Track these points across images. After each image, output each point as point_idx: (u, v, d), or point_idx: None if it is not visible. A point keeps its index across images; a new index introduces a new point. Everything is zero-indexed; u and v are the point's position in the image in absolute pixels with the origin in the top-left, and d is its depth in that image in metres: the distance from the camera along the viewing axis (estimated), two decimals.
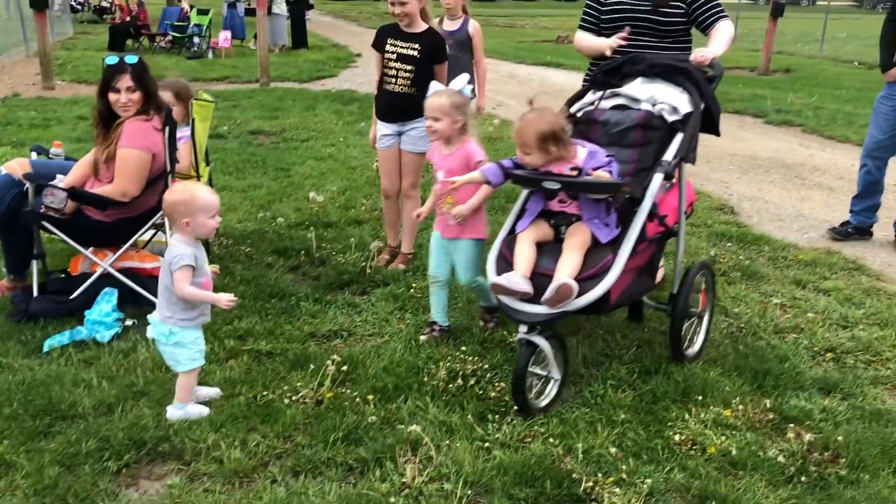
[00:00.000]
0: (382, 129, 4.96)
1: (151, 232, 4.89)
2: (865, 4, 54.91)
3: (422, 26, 4.80)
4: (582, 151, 3.40)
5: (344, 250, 5.30)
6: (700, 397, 3.46)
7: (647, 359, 3.80)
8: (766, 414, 3.38)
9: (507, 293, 3.27)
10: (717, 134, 3.84)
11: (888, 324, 4.33)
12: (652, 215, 3.46)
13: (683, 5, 4.13)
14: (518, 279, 3.27)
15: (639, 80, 3.80)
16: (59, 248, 5.00)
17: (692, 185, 4.02)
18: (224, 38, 18.08)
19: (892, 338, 4.15)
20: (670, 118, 3.62)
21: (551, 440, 3.14)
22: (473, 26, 6.26)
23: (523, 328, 3.27)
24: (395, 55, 4.78)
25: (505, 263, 3.41)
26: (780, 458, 3.04)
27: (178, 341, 3.23)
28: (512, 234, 3.54)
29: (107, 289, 4.20)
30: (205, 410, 3.31)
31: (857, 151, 9.31)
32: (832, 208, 6.82)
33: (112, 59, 4.26)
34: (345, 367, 3.64)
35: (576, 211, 3.42)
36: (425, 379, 3.57)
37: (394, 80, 4.81)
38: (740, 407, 3.40)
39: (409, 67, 4.75)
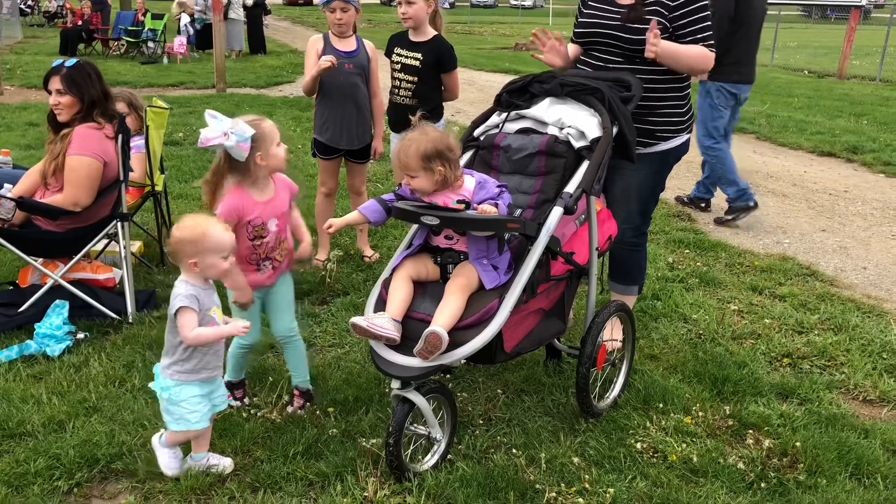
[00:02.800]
0: (393, 139, 4.97)
1: (104, 242, 4.79)
2: (813, 14, 56.24)
3: (429, 34, 4.73)
4: (470, 181, 3.04)
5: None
6: (661, 405, 3.47)
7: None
8: (725, 420, 3.40)
9: (369, 336, 2.87)
10: (633, 161, 3.46)
11: (841, 328, 4.41)
12: (556, 253, 3.11)
13: (664, 21, 3.60)
14: (382, 322, 2.84)
15: (547, 100, 3.43)
16: (7, 259, 4.86)
17: (613, 219, 3.70)
18: (179, 42, 17.83)
19: (846, 342, 4.22)
20: (577, 144, 3.25)
21: (514, 450, 3.12)
22: (371, 48, 5.04)
23: (396, 383, 2.86)
24: (399, 65, 4.75)
25: (383, 305, 2.99)
26: (741, 465, 3.06)
27: (171, 397, 2.86)
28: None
29: (57, 301, 4.08)
30: (228, 462, 3.01)
31: (808, 159, 9.54)
32: (786, 215, 6.94)
33: (57, 61, 4.19)
34: None
35: (465, 248, 3.02)
36: (385, 390, 3.52)
37: (397, 90, 4.79)
38: (700, 414, 3.43)
39: (410, 78, 4.71)
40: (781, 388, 3.73)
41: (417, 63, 4.70)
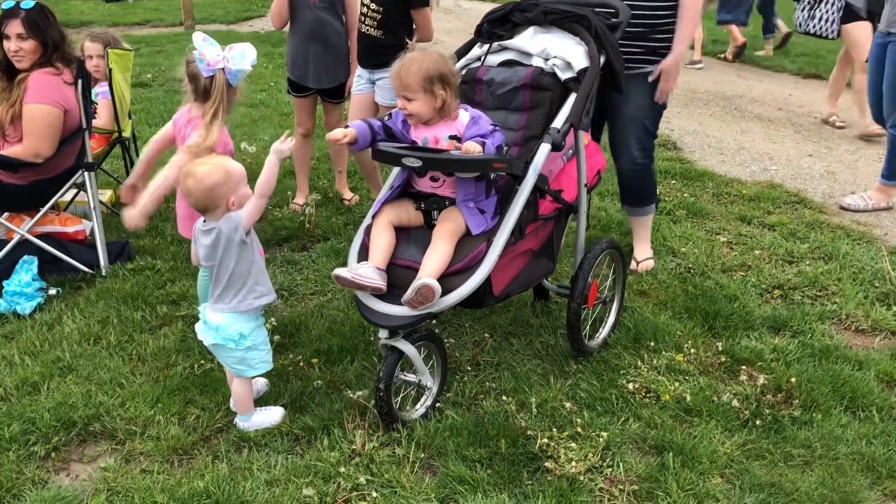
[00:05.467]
0: (358, 71, 4.69)
1: (73, 192, 4.61)
2: None
3: None
4: (465, 115, 2.89)
5: (280, 204, 5.08)
6: (652, 343, 3.40)
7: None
8: (718, 357, 3.34)
9: (354, 287, 2.78)
10: (620, 92, 3.38)
11: (832, 257, 4.34)
12: (543, 192, 2.99)
13: None
14: (367, 272, 2.76)
15: (531, 29, 3.27)
16: None
17: (601, 152, 3.62)
18: None
19: (837, 272, 4.15)
20: (563, 75, 3.10)
21: (504, 396, 3.05)
22: None
23: (384, 332, 2.79)
24: None
25: (367, 254, 2.89)
26: (735, 403, 3.00)
27: (253, 344, 2.81)
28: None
29: (26, 257, 3.93)
30: (276, 412, 2.94)
31: (793, 82, 9.38)
32: (772, 140, 6.81)
33: (8, 3, 3.90)
34: (287, 329, 3.49)
35: (450, 193, 2.91)
36: (371, 339, 3.43)
37: (364, 18, 4.49)
38: (692, 351, 3.36)
39: (375, 7, 4.40)
40: (773, 320, 3.66)
41: None
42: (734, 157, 6.34)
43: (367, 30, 4.49)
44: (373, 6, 4.43)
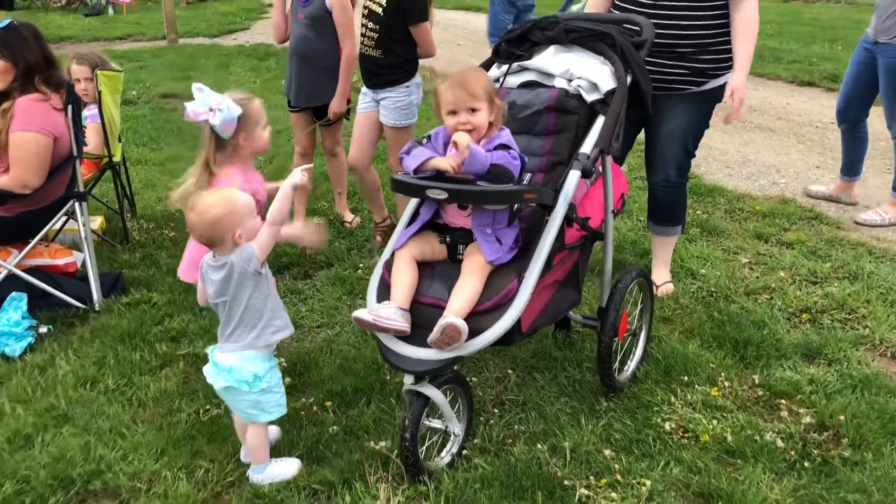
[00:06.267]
0: (363, 90, 4.51)
1: (62, 220, 4.37)
2: None
3: None
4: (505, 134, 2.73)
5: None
6: (684, 377, 3.22)
7: None
8: (754, 390, 3.17)
9: (376, 330, 2.59)
10: (649, 113, 3.25)
11: (857, 277, 4.19)
12: (570, 220, 2.79)
13: None
14: (389, 312, 2.56)
15: (551, 49, 3.10)
16: None
17: (623, 174, 3.45)
18: None
19: (864, 292, 4.00)
20: (589, 97, 2.94)
21: (535, 441, 2.86)
22: None
23: (409, 378, 2.58)
24: (366, 10, 4.28)
25: (387, 291, 2.71)
26: (779, 442, 2.83)
27: (268, 387, 2.61)
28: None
29: (14, 293, 3.70)
30: (292, 464, 2.73)
31: (788, 90, 9.29)
32: (777, 151, 6.69)
33: None
34: (296, 368, 3.28)
35: None
36: (387, 378, 3.23)
37: (363, 38, 4.32)
38: (726, 384, 3.19)
39: (373, 26, 4.23)
40: (806, 348, 3.50)
41: (380, 10, 4.20)
42: (741, 169, 6.20)
43: (366, 50, 4.31)
44: (370, 25, 4.25)
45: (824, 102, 8.54)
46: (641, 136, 3.96)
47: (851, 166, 5.37)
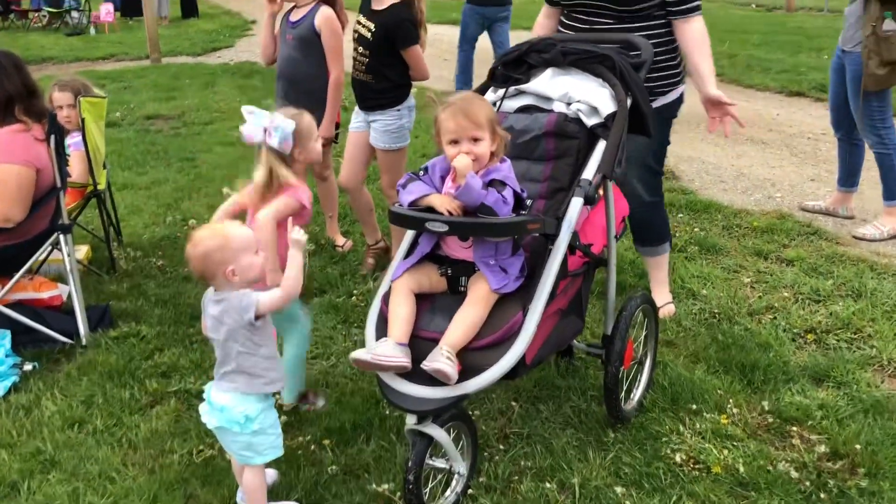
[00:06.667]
0: (356, 110, 4.42)
1: (48, 251, 4.24)
2: None
3: (388, 0, 4.06)
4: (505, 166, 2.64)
5: None
6: (692, 405, 3.13)
7: None
8: (764, 417, 3.09)
9: (376, 370, 2.49)
10: (649, 136, 3.14)
11: (860, 294, 4.12)
12: (573, 247, 2.71)
13: None
14: (387, 349, 2.46)
15: (548, 71, 3.01)
16: None
17: (623, 197, 3.31)
18: (106, 11, 16.77)
19: (869, 311, 3.93)
20: (589, 121, 2.86)
21: (541, 477, 2.76)
22: (324, 16, 4.31)
23: (412, 418, 2.46)
24: (356, 34, 4.19)
25: (386, 325, 2.61)
26: (793, 472, 2.74)
27: (261, 428, 2.50)
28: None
29: None
30: None
31: (778, 100, 9.27)
32: (770, 164, 6.64)
33: None
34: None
35: None
36: (386, 412, 3.13)
37: (354, 63, 4.24)
38: (735, 411, 3.11)
39: (363, 50, 4.14)
40: (813, 370, 3.42)
41: (369, 35, 4.11)
42: (735, 184, 6.14)
43: (357, 74, 4.24)
44: (360, 49, 4.17)
45: (814, 113, 8.53)
46: None
47: (850, 176, 5.33)
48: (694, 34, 3.48)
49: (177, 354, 3.63)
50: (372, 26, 4.09)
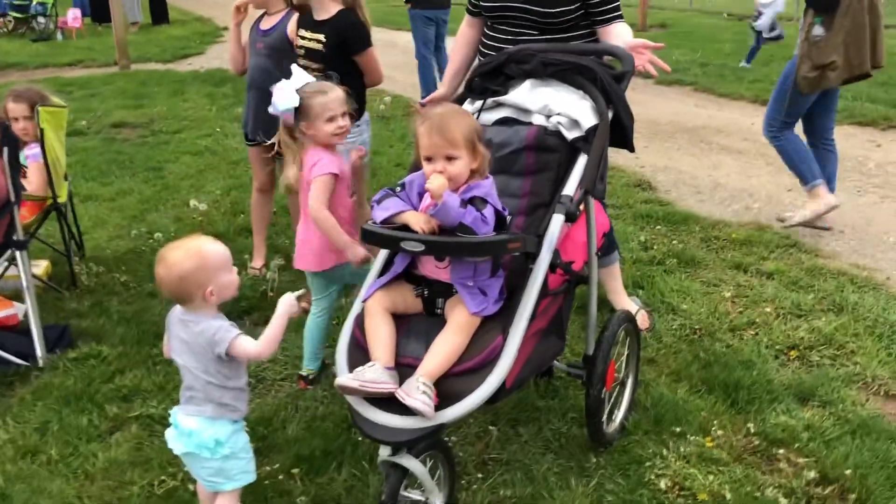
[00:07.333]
0: None
1: (3, 266, 4.06)
2: None
3: (332, 9, 3.89)
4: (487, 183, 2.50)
5: (238, 268, 4.58)
6: (676, 427, 3.03)
7: None
8: (749, 439, 3.00)
9: (364, 396, 2.31)
10: (631, 149, 3.02)
11: (842, 309, 4.05)
12: (554, 266, 2.58)
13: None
14: (375, 375, 2.31)
15: (527, 83, 2.91)
16: None
17: (604, 212, 3.23)
18: (73, 16, 16.43)
19: (852, 326, 3.86)
20: (570, 135, 2.76)
21: None
22: (294, 24, 4.16)
23: (386, 450, 2.33)
24: (303, 50, 3.97)
25: (361, 353, 2.47)
26: (781, 499, 2.65)
27: (232, 452, 2.37)
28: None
29: None
30: None
31: (752, 109, 9.25)
32: (747, 174, 6.59)
33: None
34: (258, 430, 3.02)
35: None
36: (359, 438, 2.99)
37: (308, 72, 4.05)
38: (720, 433, 3.02)
39: (315, 65, 3.90)
40: (798, 389, 3.34)
41: (320, 46, 3.91)
42: (712, 194, 6.08)
43: None
44: (313, 65, 3.87)
45: None
46: None
47: (827, 182, 5.29)
48: (617, 29, 3.40)
49: (139, 376, 3.47)
50: (322, 37, 3.90)
